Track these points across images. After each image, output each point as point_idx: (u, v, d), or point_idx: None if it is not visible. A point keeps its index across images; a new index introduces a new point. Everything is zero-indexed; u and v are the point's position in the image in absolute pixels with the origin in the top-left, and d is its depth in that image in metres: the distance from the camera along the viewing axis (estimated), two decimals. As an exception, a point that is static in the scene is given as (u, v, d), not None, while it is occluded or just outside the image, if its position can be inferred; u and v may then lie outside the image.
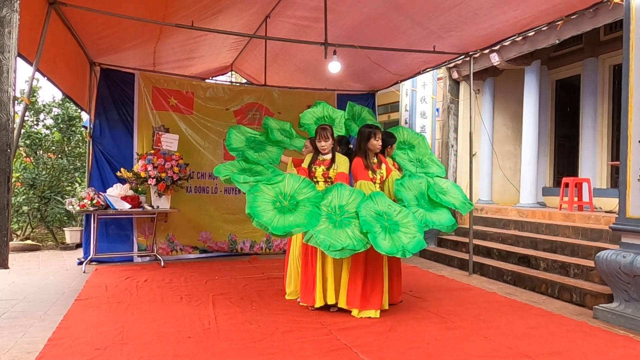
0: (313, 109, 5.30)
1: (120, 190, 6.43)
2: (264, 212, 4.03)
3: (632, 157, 3.98)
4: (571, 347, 3.46)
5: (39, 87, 9.25)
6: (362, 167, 4.51)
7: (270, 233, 4.03)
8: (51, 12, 4.42)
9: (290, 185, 4.26)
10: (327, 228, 4.04)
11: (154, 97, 7.08)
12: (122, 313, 4.16)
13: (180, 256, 7.07)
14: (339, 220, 4.11)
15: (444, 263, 7.06)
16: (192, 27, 5.37)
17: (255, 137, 5.14)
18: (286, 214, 4.07)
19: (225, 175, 4.50)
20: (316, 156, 4.63)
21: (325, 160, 4.60)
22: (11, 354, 3.22)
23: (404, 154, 5.07)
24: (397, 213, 4.23)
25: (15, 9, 3.16)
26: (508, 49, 7.36)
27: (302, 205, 4.16)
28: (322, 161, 4.59)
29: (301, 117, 5.25)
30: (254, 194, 4.13)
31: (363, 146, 4.56)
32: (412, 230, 4.14)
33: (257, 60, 8.08)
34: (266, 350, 3.32)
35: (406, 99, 8.43)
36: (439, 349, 3.40)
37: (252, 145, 5.01)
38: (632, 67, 4.00)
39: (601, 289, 4.62)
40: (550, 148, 9.11)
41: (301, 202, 4.18)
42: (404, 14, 5.46)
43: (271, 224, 3.96)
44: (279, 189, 4.22)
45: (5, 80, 3.15)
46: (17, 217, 8.28)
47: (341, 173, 4.53)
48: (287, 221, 4.02)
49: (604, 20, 5.88)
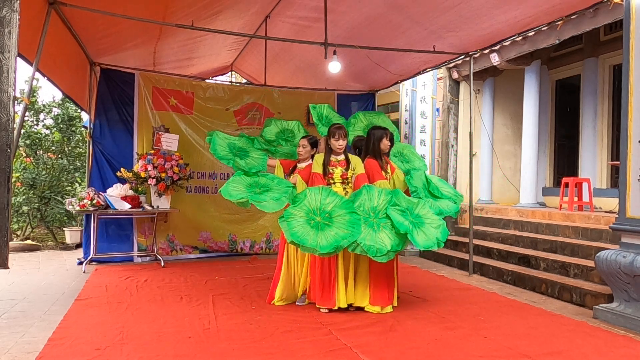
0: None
1: (120, 190, 6.43)
2: (305, 235, 3.98)
3: (632, 157, 3.98)
4: (571, 347, 3.46)
5: (39, 87, 9.25)
6: (379, 168, 4.62)
7: (320, 254, 3.98)
8: (51, 12, 4.41)
9: (315, 199, 4.20)
10: (369, 233, 4.06)
11: (154, 97, 7.08)
12: (122, 313, 4.16)
13: (180, 256, 7.07)
14: (376, 223, 4.16)
15: (444, 263, 7.06)
16: (192, 27, 5.37)
17: (235, 144, 4.99)
18: (325, 230, 4.04)
19: (241, 199, 4.33)
20: (329, 157, 4.56)
21: (341, 161, 4.58)
22: (11, 354, 3.22)
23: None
24: (417, 206, 4.34)
25: (15, 9, 3.16)
26: (508, 49, 7.36)
27: (337, 216, 4.12)
28: (337, 162, 4.56)
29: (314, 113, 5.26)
30: (287, 220, 4.07)
31: (376, 147, 4.68)
32: (435, 220, 4.29)
33: (257, 60, 8.08)
34: (266, 350, 3.32)
35: (406, 99, 8.43)
36: (439, 349, 3.40)
37: (235, 152, 4.88)
38: (632, 67, 4.00)
39: (601, 289, 4.62)
40: (550, 148, 9.11)
41: (333, 212, 4.14)
42: (404, 14, 5.46)
43: (317, 245, 3.92)
44: (307, 207, 4.17)
45: (5, 80, 3.15)
46: (17, 217, 8.28)
47: (362, 175, 4.53)
48: (330, 236, 3.98)
49: (604, 20, 5.88)
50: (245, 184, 4.54)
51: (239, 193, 4.39)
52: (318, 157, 4.60)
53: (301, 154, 4.86)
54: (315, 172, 4.52)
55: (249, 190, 4.45)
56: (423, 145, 8.28)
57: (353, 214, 4.10)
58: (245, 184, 4.55)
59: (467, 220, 7.33)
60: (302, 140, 4.91)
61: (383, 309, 4.33)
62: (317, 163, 4.56)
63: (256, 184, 4.57)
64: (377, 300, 4.36)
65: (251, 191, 4.43)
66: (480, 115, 8.99)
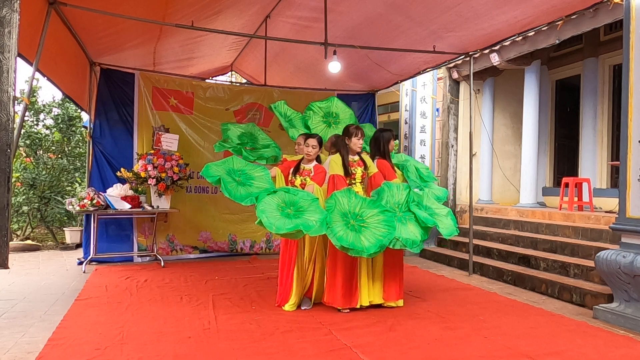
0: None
1: (120, 190, 6.43)
2: (352, 239, 4.01)
3: (632, 157, 3.98)
4: (571, 347, 3.46)
5: (39, 87, 9.25)
6: (391, 168, 4.78)
7: (368, 256, 4.04)
8: (51, 12, 4.41)
9: (345, 203, 4.22)
10: (401, 227, 4.23)
11: (154, 97, 7.08)
12: (122, 313, 4.16)
13: (180, 256, 7.07)
14: (402, 217, 4.34)
15: (444, 263, 7.06)
16: (192, 27, 5.37)
17: (233, 169, 4.55)
18: (363, 231, 4.10)
19: (291, 229, 4.01)
20: (347, 157, 4.57)
21: (358, 161, 4.64)
22: (11, 354, 3.22)
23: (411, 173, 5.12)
24: (424, 199, 4.66)
25: (15, 9, 3.16)
26: (508, 49, 7.36)
27: (370, 216, 4.20)
28: (355, 162, 4.62)
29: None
30: (331, 226, 4.05)
31: (386, 148, 4.84)
32: (442, 208, 4.70)
33: (257, 60, 8.08)
34: (266, 350, 3.32)
35: (406, 99, 8.43)
36: (439, 349, 3.40)
37: (236, 179, 4.49)
38: (632, 67, 4.00)
39: (601, 289, 4.62)
40: (550, 148, 9.11)
41: (363, 213, 4.21)
42: (404, 14, 5.45)
43: (363, 247, 3.99)
44: (340, 211, 4.17)
45: (5, 80, 3.15)
46: (17, 217, 8.28)
47: (378, 173, 4.64)
48: (371, 237, 4.08)
49: (604, 20, 5.87)
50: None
51: (282, 222, 4.05)
52: (336, 159, 4.55)
53: (310, 154, 4.60)
54: (336, 174, 4.46)
55: (228, 174, 4.39)
56: (423, 145, 8.28)
57: (386, 212, 4.24)
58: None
59: (467, 220, 7.33)
60: (311, 139, 4.62)
61: (396, 303, 4.53)
62: (336, 164, 4.50)
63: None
64: (392, 295, 4.54)
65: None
66: (480, 115, 8.99)
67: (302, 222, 3.98)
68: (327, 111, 5.50)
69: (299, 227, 3.93)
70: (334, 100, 5.62)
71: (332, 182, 4.45)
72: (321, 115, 5.46)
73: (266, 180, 4.46)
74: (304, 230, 3.96)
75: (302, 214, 4.08)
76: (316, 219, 4.04)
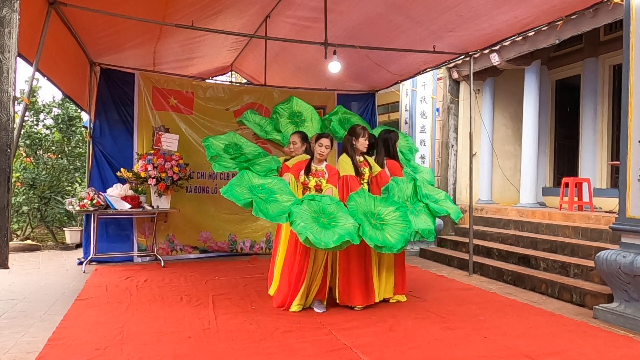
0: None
1: (120, 190, 6.43)
2: (382, 237, 4.08)
3: (632, 157, 3.98)
4: (571, 347, 3.46)
5: (39, 87, 9.24)
6: (400, 168, 4.91)
7: (397, 251, 4.12)
8: (51, 12, 4.41)
9: (364, 204, 4.27)
10: (415, 219, 4.39)
11: (154, 97, 7.07)
12: (122, 313, 4.16)
13: (180, 256, 7.07)
14: (413, 209, 4.51)
15: (444, 263, 7.06)
16: (192, 27, 5.37)
17: (254, 187, 4.49)
18: (384, 229, 4.17)
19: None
20: (355, 158, 4.65)
21: (364, 161, 4.72)
22: (11, 354, 3.22)
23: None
24: (422, 188, 4.85)
25: (15, 9, 3.16)
26: (508, 49, 7.36)
27: (387, 214, 4.30)
28: (361, 162, 4.70)
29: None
30: (363, 227, 4.08)
31: (395, 149, 4.96)
32: (439, 191, 5.00)
33: (257, 60, 8.08)
34: (266, 350, 3.32)
35: (406, 99, 8.43)
36: (439, 349, 3.40)
37: (260, 197, 4.42)
38: (632, 67, 4.00)
39: (601, 289, 4.62)
40: (550, 148, 9.12)
41: (380, 212, 4.29)
42: (404, 14, 5.45)
43: (391, 244, 4.07)
44: (361, 211, 4.23)
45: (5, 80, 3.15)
46: (17, 217, 8.28)
47: (383, 172, 4.76)
48: (395, 233, 4.16)
49: (604, 20, 5.88)
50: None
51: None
52: (346, 159, 4.59)
53: (323, 154, 4.54)
54: (349, 175, 4.52)
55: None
56: (423, 145, 8.28)
57: (400, 208, 4.33)
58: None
59: (467, 220, 7.33)
60: (324, 139, 4.55)
61: (402, 297, 4.73)
62: (347, 165, 4.55)
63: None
64: (400, 289, 4.74)
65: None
66: (480, 115, 8.99)
67: (346, 232, 3.94)
68: (291, 111, 5.61)
69: (345, 238, 3.88)
70: (293, 99, 5.75)
71: (345, 183, 4.49)
72: (287, 117, 5.56)
73: (287, 191, 4.38)
74: (351, 241, 3.93)
75: (335, 220, 4.06)
76: (352, 223, 4.04)
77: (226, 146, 4.95)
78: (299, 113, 5.60)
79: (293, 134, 5.00)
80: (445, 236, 7.95)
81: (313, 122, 5.68)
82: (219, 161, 4.77)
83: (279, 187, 4.38)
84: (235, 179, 4.43)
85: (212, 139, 5.04)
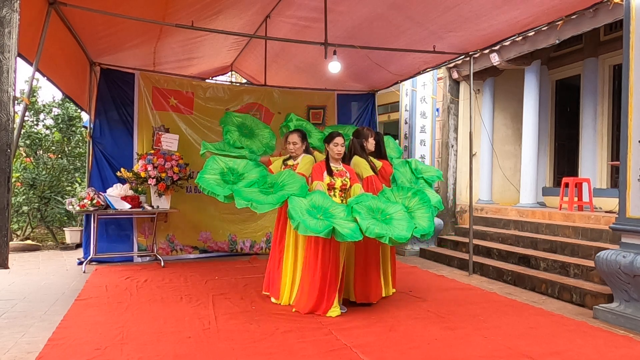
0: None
1: (120, 190, 6.43)
2: (396, 230, 4.08)
3: (632, 157, 3.98)
4: (571, 347, 3.46)
5: (39, 87, 9.25)
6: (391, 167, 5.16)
7: (406, 241, 4.14)
8: (51, 12, 4.41)
9: (374, 202, 4.33)
10: (416, 220, 4.42)
11: (154, 97, 7.07)
12: (122, 313, 4.16)
13: (180, 256, 7.07)
14: (410, 207, 4.57)
15: (444, 263, 7.06)
16: (192, 27, 5.37)
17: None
18: (391, 223, 4.17)
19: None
20: (368, 158, 4.86)
21: (371, 161, 5.00)
22: (11, 354, 3.22)
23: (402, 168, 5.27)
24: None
25: (15, 9, 3.16)
26: (508, 49, 7.36)
27: (394, 212, 4.32)
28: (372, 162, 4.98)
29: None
30: (385, 222, 4.15)
31: (384, 149, 5.17)
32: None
33: (257, 60, 8.08)
34: (266, 350, 3.32)
35: (406, 99, 8.43)
36: (439, 349, 3.40)
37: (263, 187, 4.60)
38: (632, 67, 4.00)
39: (601, 289, 4.62)
40: (550, 148, 9.11)
41: (386, 209, 4.31)
42: (404, 14, 5.45)
43: (402, 233, 4.07)
44: (369, 208, 4.27)
45: (5, 80, 3.15)
46: (17, 217, 8.28)
47: (386, 163, 5.11)
48: (403, 226, 4.15)
49: (604, 20, 5.88)
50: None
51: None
52: (360, 161, 4.77)
53: (340, 153, 4.52)
54: (372, 176, 4.76)
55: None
56: (423, 145, 8.28)
57: (402, 208, 4.41)
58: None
59: (467, 220, 7.34)
60: (340, 138, 4.53)
61: (393, 290, 4.97)
62: (365, 165, 4.79)
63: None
64: (394, 284, 5.00)
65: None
66: (480, 115, 8.99)
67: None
68: (238, 124, 5.55)
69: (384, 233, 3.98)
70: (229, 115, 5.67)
71: (370, 184, 4.70)
72: (236, 131, 5.46)
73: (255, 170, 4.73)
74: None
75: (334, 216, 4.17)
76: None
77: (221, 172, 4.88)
78: (243, 124, 5.54)
79: (291, 133, 4.94)
80: (445, 236, 7.95)
81: (263, 130, 5.60)
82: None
83: (244, 167, 4.72)
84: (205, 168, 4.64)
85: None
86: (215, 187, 4.47)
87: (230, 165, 4.73)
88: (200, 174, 4.64)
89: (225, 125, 5.34)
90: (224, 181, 4.55)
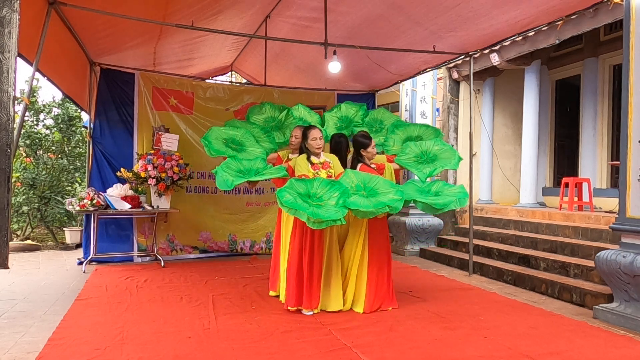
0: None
1: (120, 190, 6.43)
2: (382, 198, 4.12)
3: (632, 157, 3.98)
4: (571, 347, 3.46)
5: (39, 87, 9.25)
6: None
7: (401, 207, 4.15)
8: (51, 12, 4.41)
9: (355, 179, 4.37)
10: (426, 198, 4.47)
11: (154, 97, 7.07)
12: (122, 313, 4.16)
13: (180, 256, 7.07)
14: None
15: (444, 263, 7.06)
16: (192, 27, 5.37)
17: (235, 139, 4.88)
18: (377, 195, 4.18)
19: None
20: (370, 165, 4.80)
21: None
22: (11, 354, 3.22)
23: (410, 151, 5.00)
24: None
25: (15, 9, 3.16)
26: (508, 49, 7.36)
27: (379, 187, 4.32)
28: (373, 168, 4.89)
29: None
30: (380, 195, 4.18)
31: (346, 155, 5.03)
32: None
33: (257, 60, 8.08)
34: (266, 350, 3.32)
35: (406, 99, 8.43)
36: (439, 349, 3.40)
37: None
38: (632, 67, 4.00)
39: (601, 289, 4.62)
40: (550, 148, 9.11)
41: (370, 184, 4.36)
42: (404, 14, 5.46)
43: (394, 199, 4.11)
44: (364, 184, 4.30)
45: (5, 80, 3.15)
46: (17, 217, 8.28)
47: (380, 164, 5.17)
48: (391, 197, 4.17)
49: (604, 20, 5.88)
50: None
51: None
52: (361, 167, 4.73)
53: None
54: (362, 165, 4.72)
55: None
56: (423, 145, 8.27)
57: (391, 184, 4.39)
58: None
59: (467, 220, 7.34)
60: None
61: None
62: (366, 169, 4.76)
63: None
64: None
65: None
66: (480, 115, 8.99)
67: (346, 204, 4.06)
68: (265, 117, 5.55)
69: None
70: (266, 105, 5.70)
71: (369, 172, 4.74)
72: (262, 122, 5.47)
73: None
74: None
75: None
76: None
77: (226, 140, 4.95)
78: (272, 118, 5.52)
79: (297, 127, 4.96)
80: (445, 236, 7.95)
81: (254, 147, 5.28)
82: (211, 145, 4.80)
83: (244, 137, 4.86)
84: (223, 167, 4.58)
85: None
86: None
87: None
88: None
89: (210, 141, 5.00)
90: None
